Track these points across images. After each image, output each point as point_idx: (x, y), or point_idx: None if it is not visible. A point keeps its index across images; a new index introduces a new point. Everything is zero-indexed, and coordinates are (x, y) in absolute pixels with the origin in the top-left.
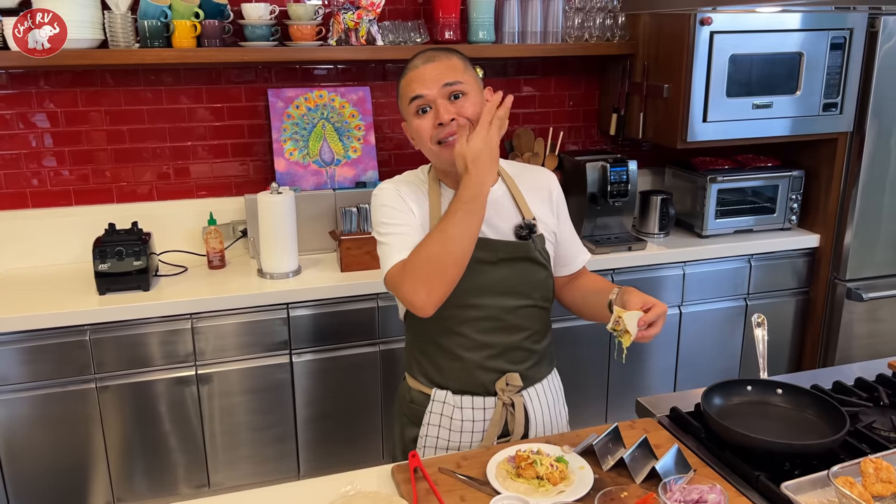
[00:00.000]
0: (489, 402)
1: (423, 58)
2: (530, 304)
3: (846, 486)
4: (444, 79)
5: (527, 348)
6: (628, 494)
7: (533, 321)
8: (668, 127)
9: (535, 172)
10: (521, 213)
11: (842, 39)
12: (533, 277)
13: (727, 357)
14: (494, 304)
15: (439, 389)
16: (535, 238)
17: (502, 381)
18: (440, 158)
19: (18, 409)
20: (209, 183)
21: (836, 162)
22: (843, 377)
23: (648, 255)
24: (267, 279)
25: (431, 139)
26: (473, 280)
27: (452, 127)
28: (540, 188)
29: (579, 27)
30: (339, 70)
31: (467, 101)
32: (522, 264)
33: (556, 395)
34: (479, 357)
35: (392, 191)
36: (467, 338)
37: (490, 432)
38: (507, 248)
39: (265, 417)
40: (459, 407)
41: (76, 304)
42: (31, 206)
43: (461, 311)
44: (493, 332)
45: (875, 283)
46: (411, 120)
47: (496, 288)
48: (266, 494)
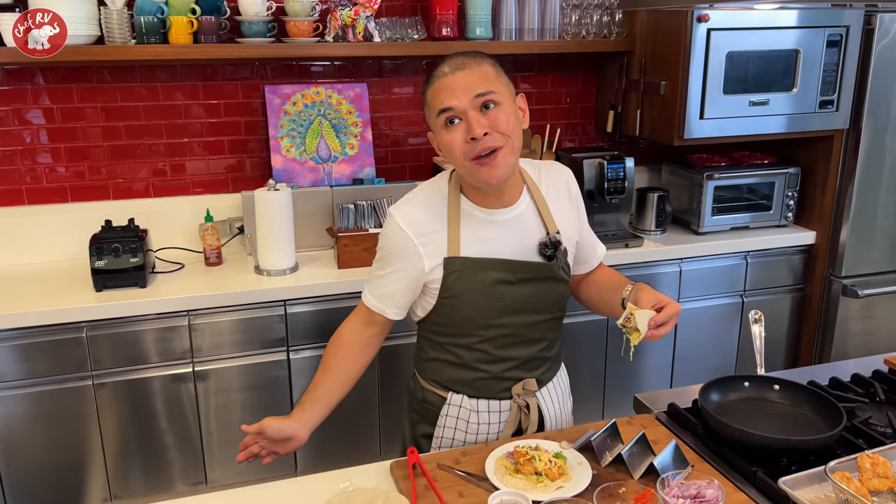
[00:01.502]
0: (504, 406)
1: (452, 65)
2: (549, 317)
3: (843, 481)
4: (476, 89)
5: (543, 357)
6: (626, 490)
7: (550, 332)
8: (665, 124)
9: (552, 171)
10: (545, 226)
11: (838, 37)
12: (555, 293)
13: (724, 353)
14: (514, 321)
15: (455, 394)
16: (559, 255)
17: (519, 387)
18: (474, 177)
19: (15, 406)
20: (206, 180)
21: (833, 159)
22: (840, 373)
23: (645, 252)
24: (264, 276)
25: (465, 155)
26: (495, 302)
27: (487, 142)
28: (559, 188)
29: (576, 24)
30: (336, 66)
31: (501, 111)
32: (544, 283)
33: (564, 389)
34: (497, 369)
35: (399, 238)
36: (487, 353)
37: (505, 432)
38: (528, 269)
39: (262, 414)
40: (476, 410)
41: (73, 301)
42: (26, 203)
43: (483, 330)
44: (513, 346)
45: (871, 280)
46: (440, 133)
47: (516, 307)
48: (265, 491)
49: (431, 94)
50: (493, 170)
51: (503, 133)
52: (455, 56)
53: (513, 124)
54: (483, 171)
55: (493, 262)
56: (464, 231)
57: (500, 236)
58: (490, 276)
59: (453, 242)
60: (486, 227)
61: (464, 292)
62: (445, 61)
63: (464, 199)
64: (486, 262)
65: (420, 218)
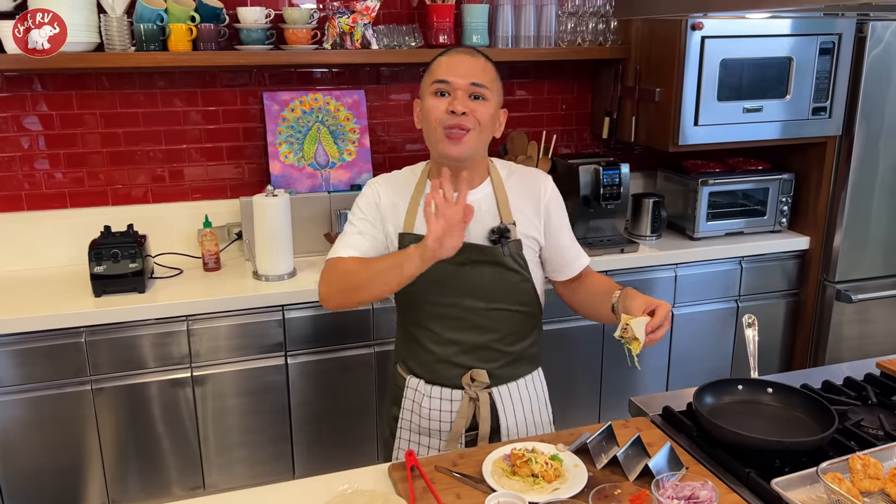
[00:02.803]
0: (457, 395)
1: (465, 50)
2: (502, 307)
3: (835, 482)
4: (475, 77)
5: (497, 349)
6: (622, 492)
7: (505, 324)
8: (660, 130)
9: (527, 176)
10: (499, 215)
11: (830, 45)
12: (503, 281)
13: (719, 358)
14: (461, 303)
15: (413, 377)
16: (509, 244)
17: (467, 377)
18: (439, 144)
19: (14, 410)
20: (204, 185)
21: (826, 165)
22: (833, 377)
23: (641, 258)
24: (262, 281)
25: (439, 122)
26: (441, 280)
27: (463, 121)
28: (530, 193)
29: (572, 31)
30: (334, 73)
31: (485, 106)
32: (492, 268)
33: (535, 396)
34: (446, 352)
35: (371, 194)
36: (435, 333)
37: (457, 423)
38: (475, 251)
39: (260, 419)
40: (429, 396)
41: (72, 307)
42: (26, 209)
43: (431, 307)
44: (460, 330)
45: (864, 285)
46: (426, 97)
47: (463, 289)
48: (263, 494)
49: (436, 65)
50: (457, 145)
51: (479, 121)
52: (470, 47)
53: (488, 121)
54: (448, 144)
55: None
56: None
57: None
58: None
59: (409, 219)
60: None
61: None
62: (461, 46)
63: (429, 183)
64: None
65: (388, 188)
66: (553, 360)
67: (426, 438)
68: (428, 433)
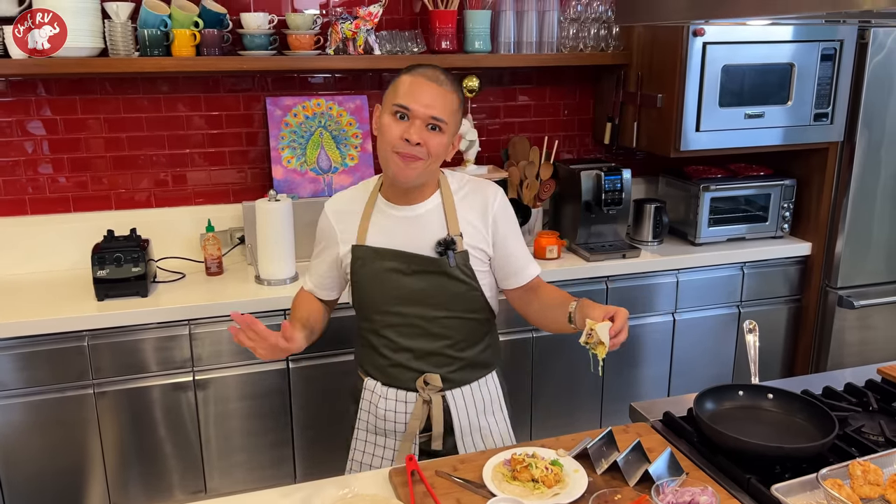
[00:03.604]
0: (411, 398)
1: (432, 76)
2: (451, 315)
3: (835, 488)
4: (435, 111)
5: (449, 355)
6: (622, 497)
7: (455, 331)
8: (662, 136)
9: (477, 188)
10: (447, 227)
11: (832, 51)
12: (450, 290)
13: (720, 364)
14: (413, 312)
15: (370, 379)
16: (455, 255)
17: (421, 381)
18: (389, 165)
19: (16, 414)
20: (207, 190)
21: (828, 171)
22: (834, 383)
23: (642, 263)
24: (264, 285)
25: (392, 145)
26: (390, 289)
27: (415, 150)
28: (478, 204)
29: (574, 37)
30: (337, 79)
31: (439, 138)
32: (437, 278)
33: (490, 398)
34: (401, 358)
35: (322, 219)
36: (391, 340)
37: (412, 424)
38: (421, 261)
39: (262, 423)
40: (385, 397)
41: (74, 310)
42: (29, 213)
43: (383, 316)
44: (414, 337)
45: (866, 291)
46: (385, 115)
47: (413, 298)
48: (264, 498)
49: (404, 85)
50: (405, 171)
51: (431, 153)
52: (438, 70)
53: (441, 151)
54: (399, 167)
55: (389, 253)
56: (372, 223)
57: (402, 230)
58: (386, 264)
59: (362, 232)
60: (391, 222)
61: (364, 279)
62: (431, 68)
63: (380, 197)
64: (384, 252)
65: (341, 207)
66: (554, 367)
67: (382, 438)
68: (384, 433)
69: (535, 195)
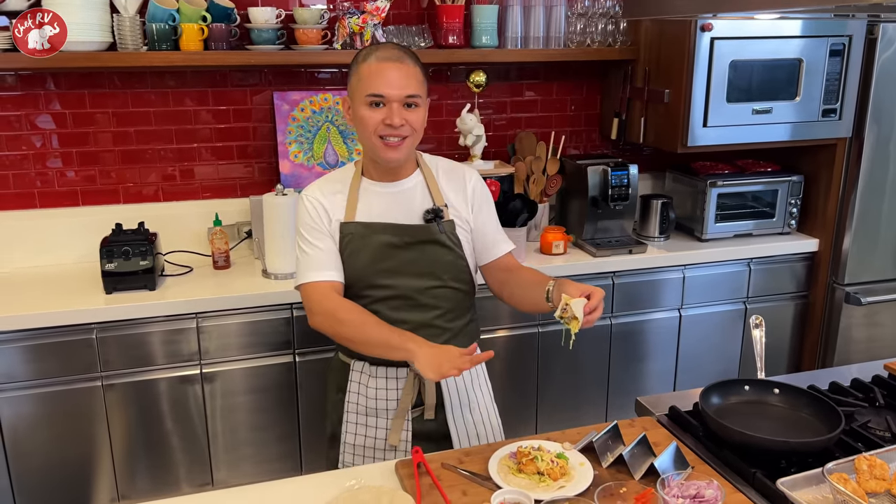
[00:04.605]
0: (402, 373)
1: (392, 54)
2: (440, 284)
3: (840, 482)
4: (408, 90)
5: (439, 326)
6: (627, 490)
7: (444, 301)
8: (669, 131)
9: (452, 166)
10: (432, 199)
11: (841, 46)
12: (440, 259)
13: (726, 360)
14: (404, 284)
15: (358, 361)
16: (443, 223)
17: None
18: (377, 152)
19: (25, 406)
20: (214, 184)
21: (836, 167)
22: (840, 378)
23: (649, 259)
24: (271, 279)
25: (376, 133)
26: (384, 262)
27: (401, 131)
28: (457, 182)
29: (581, 32)
30: (344, 73)
31: (418, 112)
32: (429, 247)
33: (475, 372)
34: None
35: (313, 201)
36: (382, 315)
37: (403, 400)
38: (413, 231)
39: (269, 416)
40: (375, 377)
41: (83, 303)
42: (38, 207)
43: (374, 290)
44: (405, 309)
45: (873, 288)
46: (361, 108)
47: (405, 269)
48: (271, 489)
49: (367, 74)
50: (395, 152)
51: (415, 129)
52: (394, 46)
53: (421, 124)
54: (387, 151)
55: (380, 226)
56: (360, 202)
57: (389, 205)
58: (379, 238)
59: (350, 210)
60: (379, 198)
61: (356, 253)
62: (382, 46)
63: (363, 179)
64: (375, 225)
65: (325, 188)
66: (560, 361)
67: (373, 419)
68: (375, 413)
69: (541, 190)
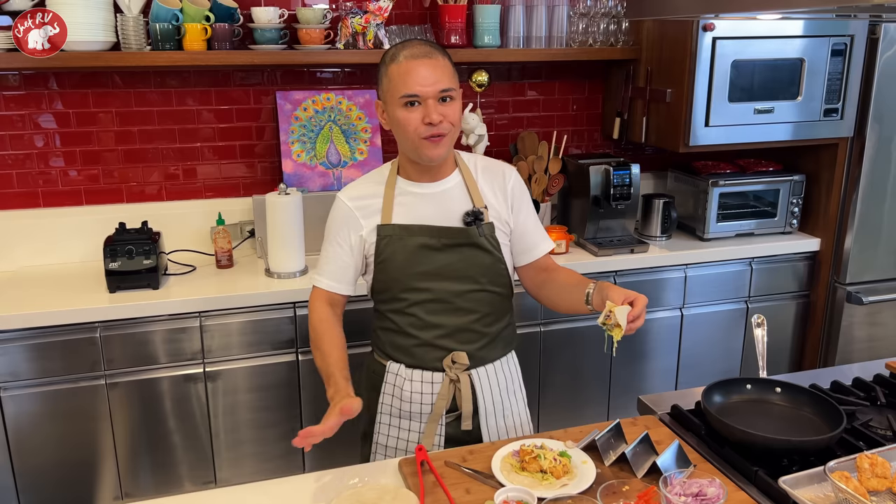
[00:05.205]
0: (437, 378)
1: (421, 50)
2: (478, 288)
3: (842, 480)
4: (441, 84)
5: (476, 330)
6: (630, 488)
7: (482, 304)
8: (671, 131)
9: (491, 165)
10: (472, 201)
11: (843, 46)
12: (479, 262)
13: (728, 359)
14: (442, 287)
15: (394, 363)
16: (482, 226)
17: (448, 359)
18: (419, 151)
19: (29, 404)
20: (217, 184)
21: (837, 167)
22: (842, 377)
23: (650, 258)
24: (274, 278)
25: (418, 134)
26: (420, 265)
27: (441, 128)
28: (496, 180)
29: (583, 32)
30: (347, 73)
31: (454, 106)
32: (467, 250)
33: (510, 377)
34: (429, 336)
35: (342, 206)
36: (418, 318)
37: (438, 405)
38: (451, 234)
39: (272, 415)
40: (410, 380)
41: (87, 302)
42: (42, 206)
43: (411, 293)
44: (442, 313)
45: (875, 287)
46: (397, 110)
47: (442, 272)
48: (275, 487)
49: (399, 74)
50: (437, 149)
51: (452, 123)
52: (422, 42)
53: (459, 117)
54: (430, 149)
55: (418, 228)
56: (397, 203)
57: (428, 206)
58: (416, 240)
59: (386, 212)
60: (417, 199)
61: (393, 256)
62: (412, 44)
63: (399, 178)
64: (413, 227)
65: (358, 192)
66: (562, 359)
67: (406, 422)
68: (409, 416)
69: (543, 190)
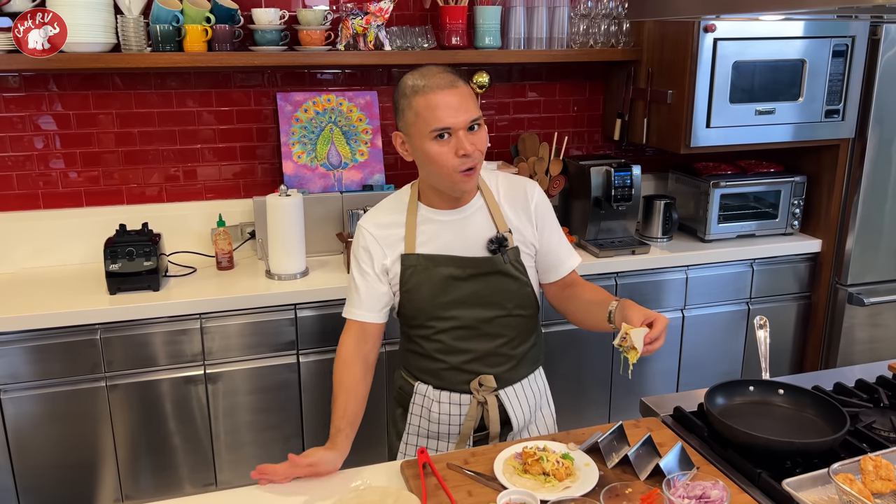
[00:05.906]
0: (465, 399)
1: (444, 80)
2: (505, 313)
3: (846, 482)
4: (470, 113)
5: (504, 354)
6: (632, 490)
7: (509, 329)
8: (672, 132)
9: (515, 182)
10: (495, 226)
11: (844, 47)
12: (505, 289)
13: (729, 361)
14: (468, 315)
15: (422, 384)
16: (507, 252)
17: (475, 382)
18: (456, 185)
19: (29, 406)
20: (218, 185)
21: (838, 168)
22: (845, 379)
23: (652, 259)
24: (275, 280)
25: (454, 168)
26: (446, 295)
27: (473, 161)
28: (519, 199)
29: (584, 33)
30: (347, 74)
31: (482, 133)
32: (493, 278)
33: (538, 394)
34: (456, 361)
35: (366, 235)
36: (445, 344)
37: (466, 426)
38: (476, 263)
39: (272, 417)
40: (438, 401)
41: (87, 304)
42: (42, 207)
43: (438, 322)
44: (470, 339)
45: (876, 288)
46: (426, 143)
47: (468, 301)
48: (276, 489)
49: (426, 107)
50: (471, 180)
51: (481, 151)
52: (442, 71)
53: (486, 144)
54: (466, 182)
55: (443, 259)
56: (420, 231)
57: (451, 234)
58: (442, 271)
59: (409, 241)
60: (440, 227)
61: (418, 287)
62: (434, 73)
63: (421, 205)
64: (438, 258)
65: (381, 220)
66: (563, 361)
67: (434, 441)
68: (437, 436)
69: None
